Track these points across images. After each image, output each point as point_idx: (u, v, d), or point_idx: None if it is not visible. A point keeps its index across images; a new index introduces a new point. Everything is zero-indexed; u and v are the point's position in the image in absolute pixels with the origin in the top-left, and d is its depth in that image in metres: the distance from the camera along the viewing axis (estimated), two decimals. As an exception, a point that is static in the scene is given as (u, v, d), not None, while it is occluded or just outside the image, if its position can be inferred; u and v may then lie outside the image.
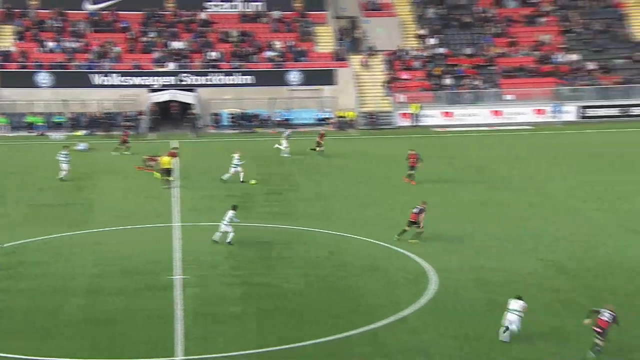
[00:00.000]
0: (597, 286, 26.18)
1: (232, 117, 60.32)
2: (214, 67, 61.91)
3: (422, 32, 66.31)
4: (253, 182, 40.47)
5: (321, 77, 61.28)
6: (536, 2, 67.71)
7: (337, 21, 67.69)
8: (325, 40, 65.22)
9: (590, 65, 62.21)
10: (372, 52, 64.16)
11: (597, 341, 21.10)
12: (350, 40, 66.21)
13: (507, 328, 22.23)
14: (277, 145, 48.78)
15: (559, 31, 65.34)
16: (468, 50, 64.45)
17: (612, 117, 59.12)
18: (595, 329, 21.18)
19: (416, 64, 63.77)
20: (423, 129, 58.53)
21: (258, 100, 59.88)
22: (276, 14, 66.41)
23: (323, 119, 60.02)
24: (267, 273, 27.90)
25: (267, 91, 60.15)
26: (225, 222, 30.56)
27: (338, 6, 68.20)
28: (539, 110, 59.72)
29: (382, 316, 23.82)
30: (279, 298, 25.58)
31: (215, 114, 60.43)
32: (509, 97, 60.85)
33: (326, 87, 61.13)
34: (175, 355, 21.38)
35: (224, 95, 60.52)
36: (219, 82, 61.22)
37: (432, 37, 65.68)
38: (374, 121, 59.79)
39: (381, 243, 30.76)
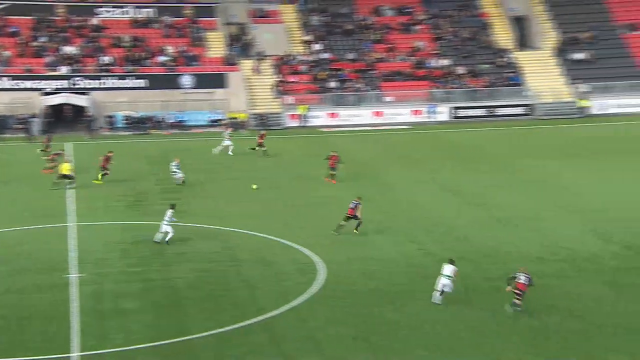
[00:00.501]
0: (469, 273, 26.69)
1: (127, 119, 58.85)
2: (107, 71, 60.23)
3: (307, 38, 66.47)
4: (254, 186, 37.86)
5: (213, 81, 60.53)
6: (411, 11, 69.03)
7: (227, 27, 67.09)
8: (216, 45, 64.44)
9: (460, 70, 63.86)
10: (261, 57, 63.84)
11: (516, 301, 22.69)
12: (240, 45, 65.67)
13: (442, 292, 23.34)
14: (226, 143, 48.04)
15: (432, 38, 66.82)
16: (350, 56, 65.04)
17: (480, 117, 60.88)
18: (515, 291, 22.71)
19: (303, 68, 63.89)
20: (310, 129, 58.71)
21: (152, 102, 58.66)
22: (167, 20, 65.17)
23: (215, 121, 59.36)
24: (163, 269, 27.17)
25: (161, 94, 59.07)
26: (165, 222, 29.41)
27: (228, 13, 67.59)
28: (415, 111, 60.86)
29: (273, 306, 23.54)
30: (175, 293, 24.94)
31: (110, 117, 58.82)
32: (388, 99, 61.78)
33: (218, 90, 60.44)
34: (70, 351, 20.44)
35: (118, 98, 58.91)
36: (113, 86, 59.64)
37: (317, 43, 65.95)
38: (264, 122, 59.50)
39: (272, 237, 30.49)
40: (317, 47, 65.72)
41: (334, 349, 20.88)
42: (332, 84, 62.53)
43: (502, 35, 67.28)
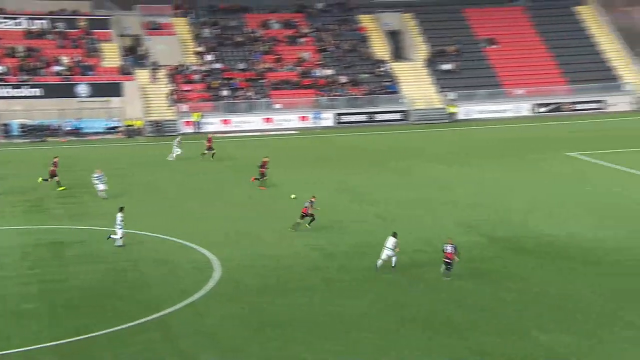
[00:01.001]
0: (351, 265, 27.24)
1: (22, 127, 56.58)
2: (1, 80, 57.72)
3: (200, 49, 65.85)
4: (293, 196, 34.41)
5: (109, 90, 59.02)
6: (296, 25, 69.55)
7: (121, 39, 65.60)
8: (110, 56, 62.87)
9: (342, 79, 64.88)
10: (155, 67, 62.75)
11: (446, 267, 25.38)
12: (135, 56, 64.35)
13: (383, 260, 25.84)
14: (175, 149, 47.06)
15: (316, 50, 67.58)
16: (241, 66, 64.89)
17: (361, 122, 62.04)
18: (445, 260, 25.41)
19: (196, 77, 63.24)
20: (204, 134, 58.09)
21: (48, 111, 56.64)
22: (61, 31, 63.13)
23: (112, 128, 57.99)
24: (62, 271, 26.39)
25: (57, 103, 57.13)
26: (117, 225, 28.64)
27: (122, 25, 66.10)
28: (302, 117, 61.38)
29: (170, 303, 23.28)
30: (73, 293, 24.27)
31: (5, 125, 56.40)
32: (277, 106, 62.02)
33: (114, 99, 58.98)
34: (-29, 355, 19.59)
35: (13, 106, 56.54)
36: (7, 95, 57.27)
37: (209, 54, 65.43)
38: (160, 129, 58.55)
39: (170, 238, 30.12)
40: (209, 57, 65.21)
41: (228, 343, 20.87)
42: (225, 92, 62.22)
43: (379, 47, 68.82)
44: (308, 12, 71.01)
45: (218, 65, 64.61)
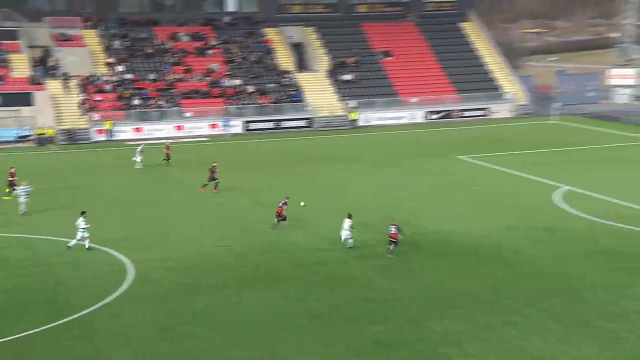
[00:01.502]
0: (261, 264, 27.34)
1: None
2: None
3: (110, 60, 64.25)
4: (302, 204, 32.86)
5: (19, 99, 56.77)
6: (204, 37, 68.95)
7: (31, 50, 63.19)
8: (20, 66, 60.47)
9: (250, 88, 64.76)
10: (67, 77, 60.77)
11: (392, 247, 27.58)
12: (45, 67, 62.09)
13: (344, 240, 28.40)
14: (133, 158, 45.50)
15: (224, 61, 67.22)
16: (152, 76, 63.72)
17: (269, 129, 62.13)
18: (390, 239, 27.58)
19: (107, 87, 61.68)
20: (117, 142, 56.87)
21: (-42, 120, 54.01)
22: (-29, 41, 60.36)
23: (23, 137, 55.79)
24: (-25, 278, 25.25)
25: (-34, 112, 54.57)
26: (80, 229, 28.06)
27: (31, 37, 63.67)
28: (213, 125, 60.88)
29: (86, 305, 22.75)
30: (-11, 300, 23.31)
31: None
32: (188, 114, 61.30)
33: (25, 108, 56.78)
34: None
35: None
36: None
37: (120, 65, 63.95)
38: (72, 137, 56.77)
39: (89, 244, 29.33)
40: (120, 68, 63.73)
41: (142, 342, 20.59)
42: (136, 102, 60.96)
43: (284, 59, 69.14)
44: (216, 25, 70.59)
45: (129, 76, 63.26)
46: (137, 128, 59.01)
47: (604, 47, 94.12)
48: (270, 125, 62.64)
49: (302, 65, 70.25)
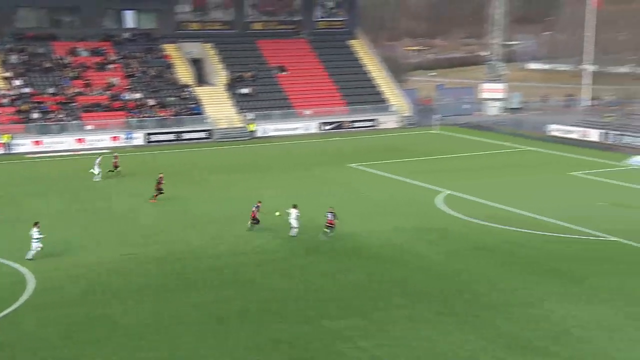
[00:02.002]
0: (167, 271, 26.70)
1: None
2: None
3: (7, 74, 60.97)
4: (277, 213, 31.58)
5: None
6: (104, 52, 66.77)
7: None
8: None
9: (151, 102, 63.25)
10: (-39, 91, 57.18)
11: (327, 231, 29.74)
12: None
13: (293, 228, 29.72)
14: (91, 170, 43.38)
15: (124, 75, 65.33)
16: (51, 90, 60.97)
17: (170, 141, 60.88)
18: (327, 224, 29.74)
19: (5, 101, 58.47)
20: (16, 155, 53.98)
21: None
22: None
23: None
24: None
25: None
26: (34, 240, 27.31)
27: None
28: (114, 137, 58.95)
29: (-14, 318, 21.39)
30: None
31: None
32: (89, 127, 59.03)
33: None
34: None
35: None
36: None
37: (18, 79, 60.81)
38: (-32, 151, 53.41)
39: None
40: (17, 82, 60.58)
41: (45, 350, 19.59)
42: (35, 115, 58.09)
43: (183, 73, 68.01)
44: (115, 41, 68.53)
45: (27, 90, 60.25)
46: (37, 141, 56.28)
47: (476, 63, 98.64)
48: (171, 137, 61.41)
49: (201, 79, 69.37)
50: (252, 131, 63.59)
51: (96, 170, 44.05)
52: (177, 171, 47.70)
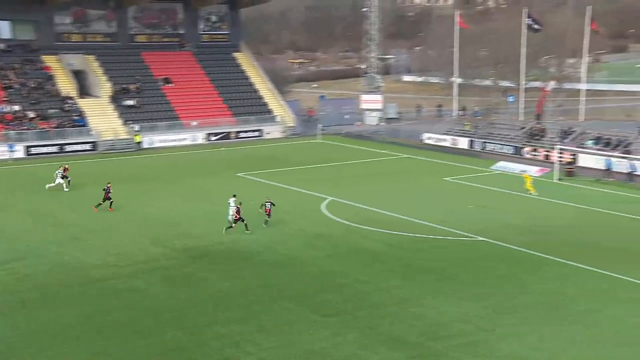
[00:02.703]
0: (50, 284, 25.39)
1: None
2: None
3: None
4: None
5: None
6: (-21, 63, 62.72)
7: None
8: None
9: (31, 114, 59.97)
10: None
11: (267, 219, 33.13)
12: None
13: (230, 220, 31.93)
14: (50, 185, 41.67)
15: (1, 87, 61.52)
16: None
17: (53, 154, 58.00)
18: (266, 214, 32.99)
19: None
20: None
21: None
22: None
23: None
24: None
25: None
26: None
27: None
28: (-7, 150, 55.44)
29: None
30: None
31: None
32: (-37, 140, 55.15)
33: None
34: None
35: None
36: None
37: None
38: None
39: None
40: None
41: None
42: None
43: (65, 85, 65.02)
44: (-11, 52, 64.47)
45: None
46: None
47: (355, 76, 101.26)
48: (54, 149, 58.56)
49: (84, 91, 66.65)
50: (138, 142, 61.83)
51: (59, 181, 42.31)
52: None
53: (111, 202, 37.29)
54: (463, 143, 60.29)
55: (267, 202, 33.33)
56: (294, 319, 22.59)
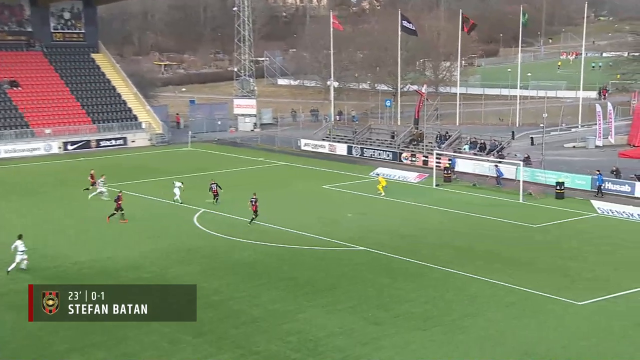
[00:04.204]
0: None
1: None
2: None
3: None
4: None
5: None
6: None
7: None
8: None
9: None
10: None
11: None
12: None
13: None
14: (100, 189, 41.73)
15: None
16: None
17: None
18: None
19: None
20: None
21: None
22: None
23: None
24: None
25: None
26: (19, 252, 28.16)
27: None
28: None
29: None
30: None
31: None
32: None
33: None
34: None
35: None
36: None
37: None
38: None
39: None
40: None
41: None
42: None
43: None
44: None
45: None
46: None
47: (227, 79, 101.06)
48: None
49: None
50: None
51: (99, 189, 42.42)
52: None
53: (122, 213, 37.12)
54: (341, 149, 61.96)
55: (212, 184, 38.01)
56: (164, 341, 22.24)
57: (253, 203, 36.64)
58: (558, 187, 44.06)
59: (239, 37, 77.88)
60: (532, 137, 62.10)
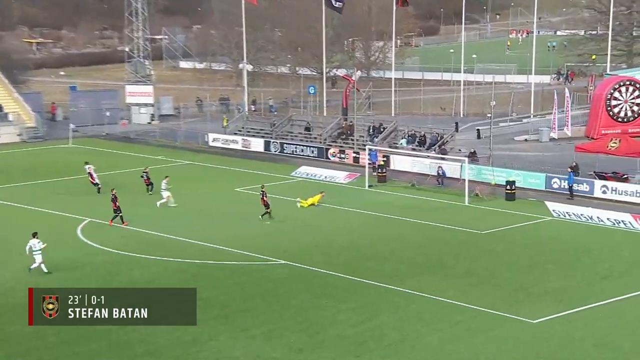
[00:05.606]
0: None
1: None
2: None
3: None
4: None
5: None
6: None
7: None
8: None
9: None
10: None
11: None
12: None
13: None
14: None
15: None
16: None
17: None
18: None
19: None
20: None
21: None
22: None
23: None
24: None
25: None
26: (35, 253, 30.78)
27: None
28: None
29: None
30: None
31: None
32: None
33: None
34: None
35: None
36: None
37: None
38: None
39: None
40: None
41: None
42: None
43: None
44: None
45: None
46: None
47: (117, 61, 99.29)
48: None
49: None
50: None
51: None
52: None
53: (120, 215, 38.63)
54: (257, 145, 62.06)
55: (144, 172, 42.98)
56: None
57: (262, 197, 39.90)
58: (508, 187, 45.51)
59: (130, 10, 76.69)
60: (478, 129, 63.88)
